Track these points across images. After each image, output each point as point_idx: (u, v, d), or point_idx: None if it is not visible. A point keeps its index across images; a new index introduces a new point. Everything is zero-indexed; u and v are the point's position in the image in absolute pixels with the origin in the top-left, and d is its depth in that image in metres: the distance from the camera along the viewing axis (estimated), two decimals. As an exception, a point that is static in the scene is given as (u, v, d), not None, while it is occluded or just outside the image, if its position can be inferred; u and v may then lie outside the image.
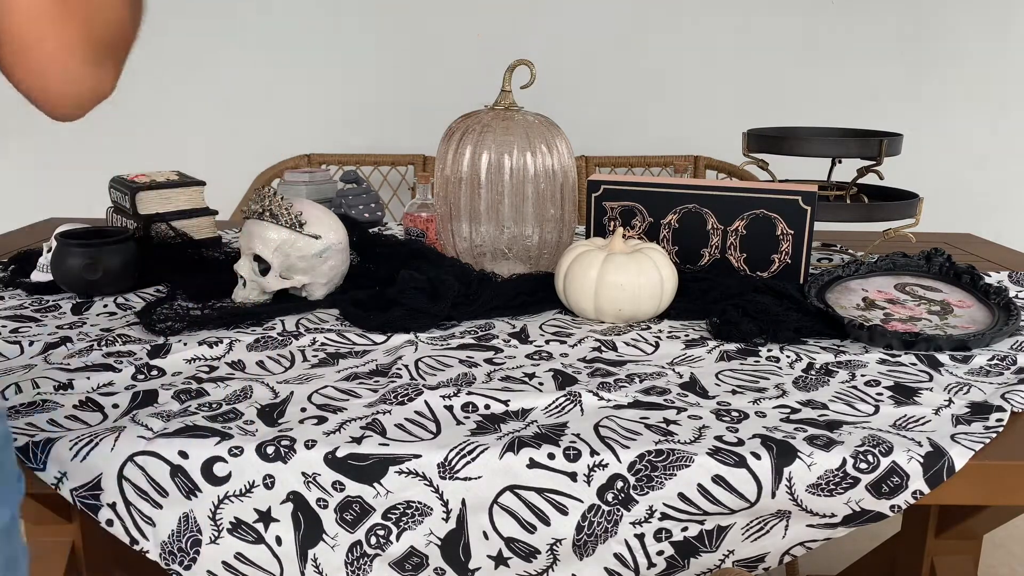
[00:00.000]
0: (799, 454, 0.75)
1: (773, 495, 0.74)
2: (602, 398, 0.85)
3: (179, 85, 2.49)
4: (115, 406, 0.83)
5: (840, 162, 1.49)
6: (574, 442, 0.76)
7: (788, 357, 1.00)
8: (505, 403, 0.84)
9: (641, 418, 0.81)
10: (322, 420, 0.80)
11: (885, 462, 0.75)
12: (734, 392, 0.89)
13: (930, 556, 1.08)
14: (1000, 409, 0.84)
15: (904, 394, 0.89)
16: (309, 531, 0.76)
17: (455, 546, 0.76)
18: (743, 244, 1.22)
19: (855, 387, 0.91)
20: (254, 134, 2.52)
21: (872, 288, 1.19)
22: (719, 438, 0.77)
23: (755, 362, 0.98)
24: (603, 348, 1.02)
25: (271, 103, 2.53)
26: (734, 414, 0.83)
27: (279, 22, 2.49)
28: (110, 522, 0.76)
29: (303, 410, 0.82)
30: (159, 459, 0.75)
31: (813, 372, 0.95)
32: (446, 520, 0.75)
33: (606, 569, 0.76)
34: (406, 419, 0.81)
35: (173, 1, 2.46)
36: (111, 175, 1.40)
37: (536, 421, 0.81)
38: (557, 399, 0.85)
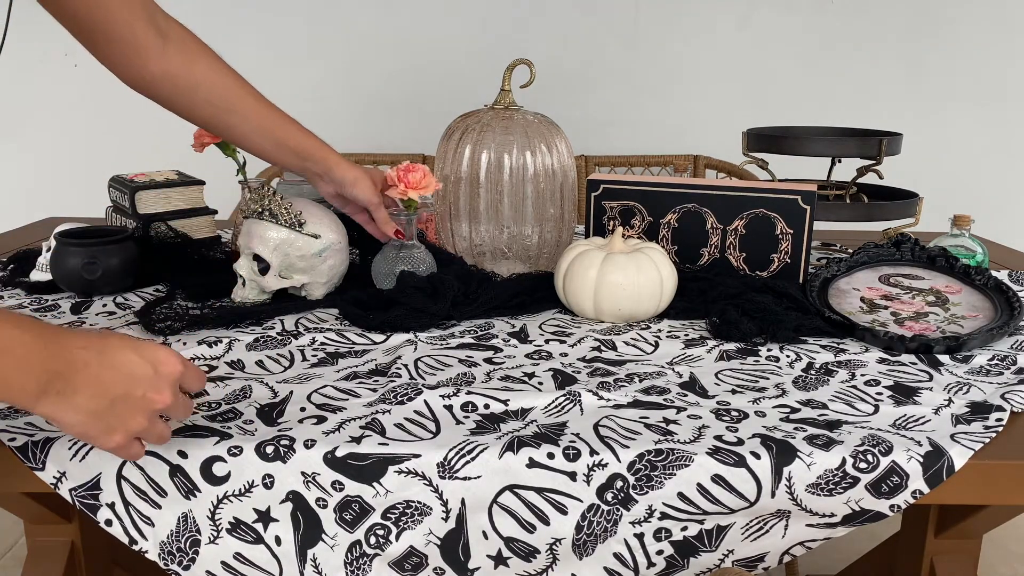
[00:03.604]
0: (799, 454, 0.75)
1: (773, 495, 0.74)
2: (602, 397, 0.85)
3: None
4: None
5: (840, 162, 1.49)
6: (573, 442, 0.76)
7: (788, 357, 1.00)
8: (505, 403, 0.84)
9: (641, 418, 0.81)
10: (321, 420, 0.80)
11: (885, 462, 0.75)
12: (734, 392, 0.89)
13: (930, 556, 1.08)
14: (1000, 409, 0.84)
15: (904, 394, 0.89)
16: (308, 531, 0.75)
17: (455, 546, 0.76)
18: (743, 243, 1.22)
19: (855, 387, 0.91)
20: (254, 134, 2.51)
21: (861, 285, 1.19)
22: (719, 438, 0.77)
23: (755, 362, 0.98)
24: (603, 348, 1.02)
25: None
26: (734, 414, 0.83)
27: (278, 21, 2.49)
28: (109, 522, 0.76)
29: (302, 409, 0.82)
30: (158, 459, 0.75)
31: (813, 372, 0.95)
32: (445, 520, 0.75)
33: (606, 569, 0.76)
34: (405, 419, 0.81)
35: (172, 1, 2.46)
36: (111, 174, 1.40)
37: (536, 421, 0.81)
38: (557, 399, 0.85)
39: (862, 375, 0.94)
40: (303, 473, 0.74)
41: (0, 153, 2.59)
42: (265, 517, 0.75)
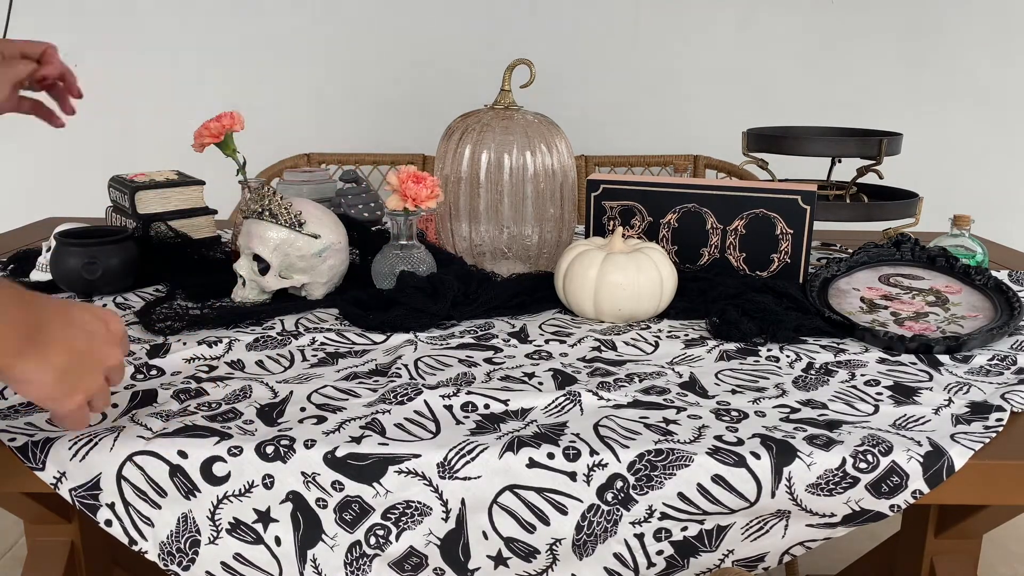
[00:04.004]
0: (799, 454, 0.75)
1: (773, 495, 0.74)
2: (602, 398, 0.85)
3: (179, 84, 2.49)
4: (114, 406, 0.83)
5: (840, 162, 1.49)
6: (573, 442, 0.76)
7: (788, 357, 1.00)
8: (505, 403, 0.84)
9: (641, 418, 0.81)
10: (321, 420, 0.80)
11: (885, 462, 0.75)
12: (734, 392, 0.89)
13: (930, 556, 1.08)
14: (1000, 409, 0.84)
15: (904, 394, 0.89)
16: (308, 531, 0.75)
17: (455, 546, 0.76)
18: (743, 243, 1.22)
19: (855, 387, 0.91)
20: (253, 133, 2.51)
21: (861, 285, 1.19)
22: (719, 438, 0.77)
23: (755, 362, 0.98)
24: (603, 348, 1.02)
25: (270, 102, 2.52)
26: (734, 414, 0.83)
27: (279, 21, 2.49)
28: (109, 522, 0.76)
29: (302, 410, 0.82)
30: (158, 459, 0.75)
31: (813, 372, 0.95)
32: (445, 520, 0.75)
33: (606, 569, 0.76)
34: (405, 419, 0.81)
35: (173, 1, 2.46)
36: (111, 175, 1.40)
37: (536, 421, 0.81)
38: (557, 399, 0.85)
39: (862, 375, 0.94)
40: (303, 473, 0.74)
41: (0, 153, 2.59)
42: (265, 517, 0.75)
